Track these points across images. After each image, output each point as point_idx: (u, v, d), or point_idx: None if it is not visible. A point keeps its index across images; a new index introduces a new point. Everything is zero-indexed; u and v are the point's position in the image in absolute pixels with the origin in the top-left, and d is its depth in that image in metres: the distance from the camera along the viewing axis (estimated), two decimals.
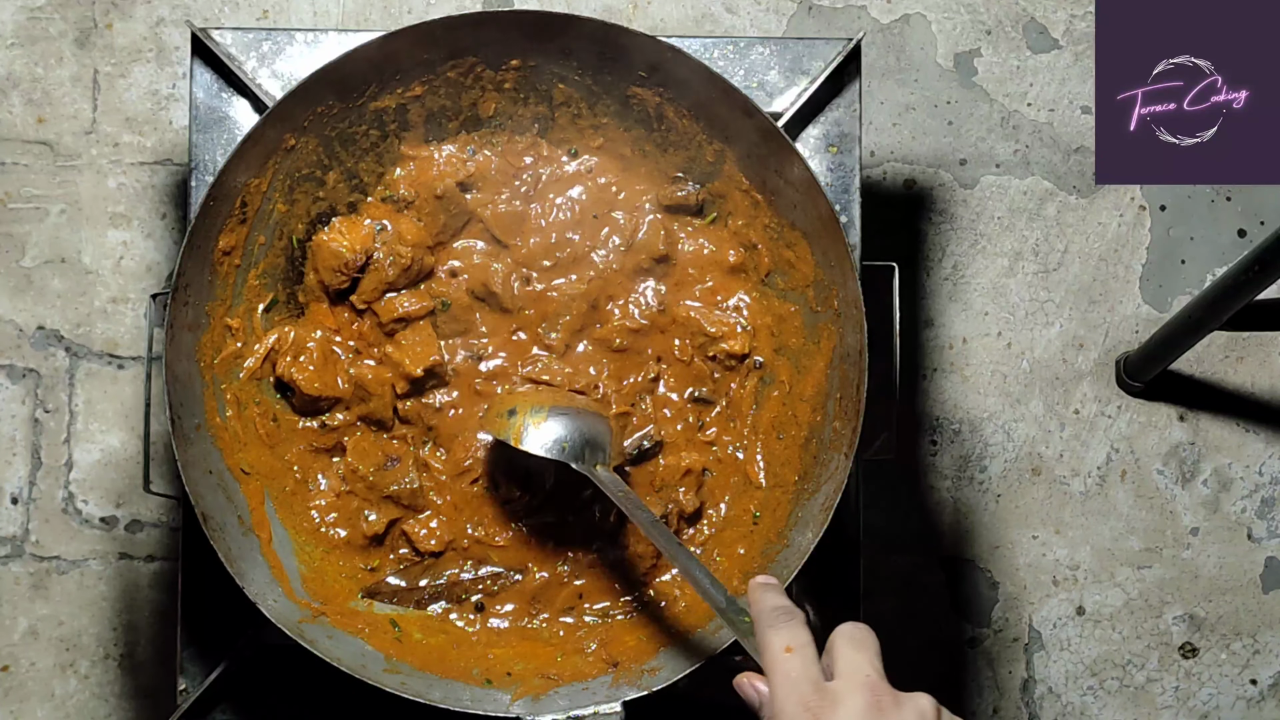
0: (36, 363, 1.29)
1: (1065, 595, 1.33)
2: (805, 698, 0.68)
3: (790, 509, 0.98)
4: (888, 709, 0.67)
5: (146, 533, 1.29)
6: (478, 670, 0.96)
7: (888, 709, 0.67)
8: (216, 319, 0.97)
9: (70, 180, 1.30)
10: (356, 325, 1.01)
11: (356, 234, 1.00)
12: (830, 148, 1.02)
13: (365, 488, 1.00)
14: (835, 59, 1.01)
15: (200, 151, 1.00)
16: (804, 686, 0.69)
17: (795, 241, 0.98)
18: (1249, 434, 1.34)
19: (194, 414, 0.94)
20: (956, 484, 1.33)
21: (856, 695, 0.68)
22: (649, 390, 1.02)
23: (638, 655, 0.96)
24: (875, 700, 0.67)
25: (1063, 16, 1.35)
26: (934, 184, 1.34)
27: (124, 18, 1.31)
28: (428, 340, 1.00)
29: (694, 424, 1.03)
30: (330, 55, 0.93)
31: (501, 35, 0.96)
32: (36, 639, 1.28)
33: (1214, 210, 1.35)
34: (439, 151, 1.02)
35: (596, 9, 1.33)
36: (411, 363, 0.99)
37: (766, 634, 0.73)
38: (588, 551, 1.01)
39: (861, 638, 0.71)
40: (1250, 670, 1.34)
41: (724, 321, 1.02)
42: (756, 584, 0.78)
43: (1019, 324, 1.34)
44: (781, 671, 0.70)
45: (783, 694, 0.69)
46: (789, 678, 0.69)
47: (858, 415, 0.91)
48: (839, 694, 0.68)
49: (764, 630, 0.73)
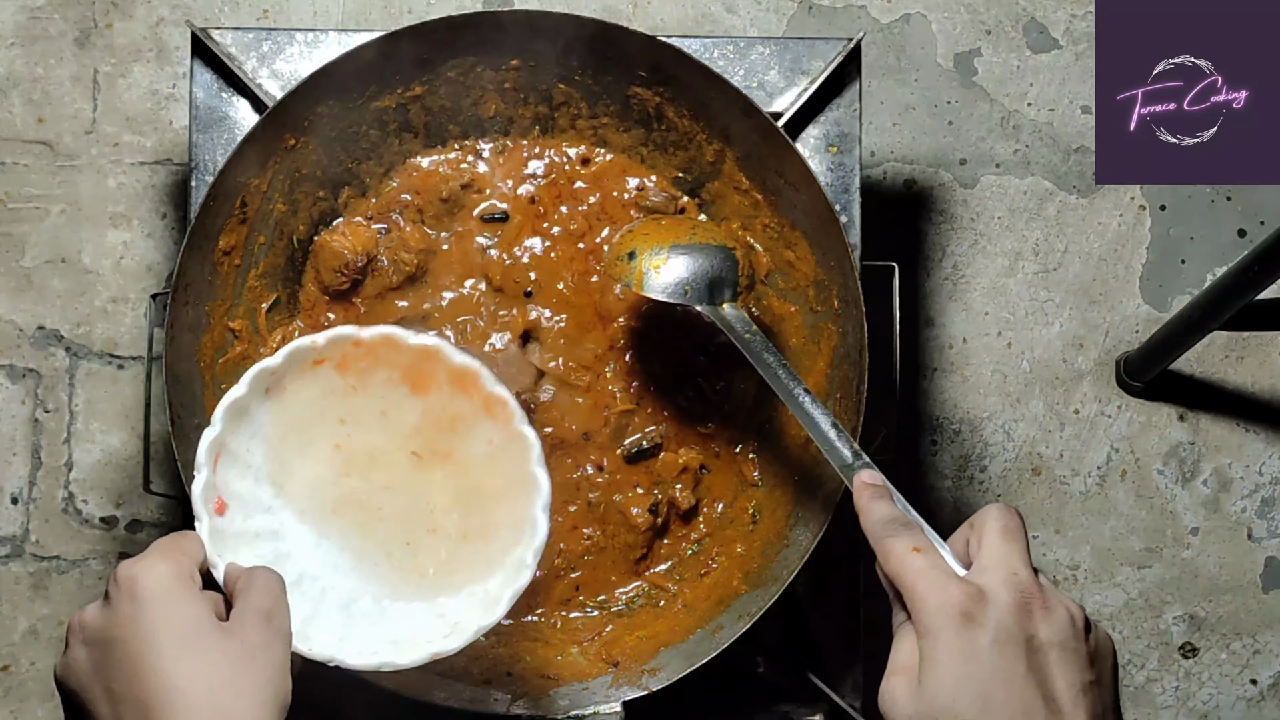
0: (36, 363, 1.29)
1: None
2: (949, 595, 0.63)
3: (790, 508, 0.98)
4: (1036, 612, 0.63)
5: (146, 533, 1.29)
6: (477, 670, 0.96)
7: (1036, 612, 0.63)
8: (217, 319, 0.97)
9: (70, 180, 1.30)
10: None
11: (359, 236, 1.00)
12: (830, 148, 1.02)
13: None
14: (835, 59, 1.01)
15: (200, 151, 1.00)
16: (946, 583, 0.63)
17: (795, 241, 0.98)
18: (1249, 434, 1.34)
19: (194, 414, 0.94)
20: (956, 484, 1.33)
21: (1003, 593, 0.63)
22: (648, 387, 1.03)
23: (638, 655, 0.96)
24: (1024, 601, 0.63)
25: (1063, 16, 1.35)
26: (934, 184, 1.34)
27: (124, 18, 1.31)
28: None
29: (692, 421, 1.03)
30: (330, 55, 0.94)
31: (501, 35, 0.96)
32: (36, 639, 1.28)
33: (1214, 210, 1.35)
34: (441, 154, 1.02)
35: (596, 9, 1.33)
36: None
37: (884, 544, 0.67)
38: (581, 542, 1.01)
39: (1014, 528, 0.66)
40: (1250, 670, 1.34)
41: None
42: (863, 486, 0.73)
43: (1019, 324, 1.34)
44: (915, 570, 0.65)
45: (924, 590, 0.63)
46: (926, 575, 0.64)
47: (858, 415, 0.91)
48: (986, 590, 0.63)
49: (881, 541, 0.67)
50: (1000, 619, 0.62)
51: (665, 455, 1.02)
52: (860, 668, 1.03)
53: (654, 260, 0.90)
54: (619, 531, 1.00)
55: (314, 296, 1.01)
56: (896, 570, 0.66)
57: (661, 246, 0.91)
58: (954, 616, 0.62)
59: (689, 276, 0.90)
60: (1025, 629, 0.63)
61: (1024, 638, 0.63)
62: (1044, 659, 0.63)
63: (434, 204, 1.01)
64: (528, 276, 1.02)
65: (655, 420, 1.02)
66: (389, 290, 1.01)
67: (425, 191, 1.02)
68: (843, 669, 1.03)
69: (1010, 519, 0.67)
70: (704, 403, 1.03)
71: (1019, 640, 0.62)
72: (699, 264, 0.90)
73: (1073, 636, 0.64)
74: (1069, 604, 0.65)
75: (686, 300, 0.89)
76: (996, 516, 0.66)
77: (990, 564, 0.65)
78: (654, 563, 1.02)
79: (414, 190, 1.02)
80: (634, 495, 1.01)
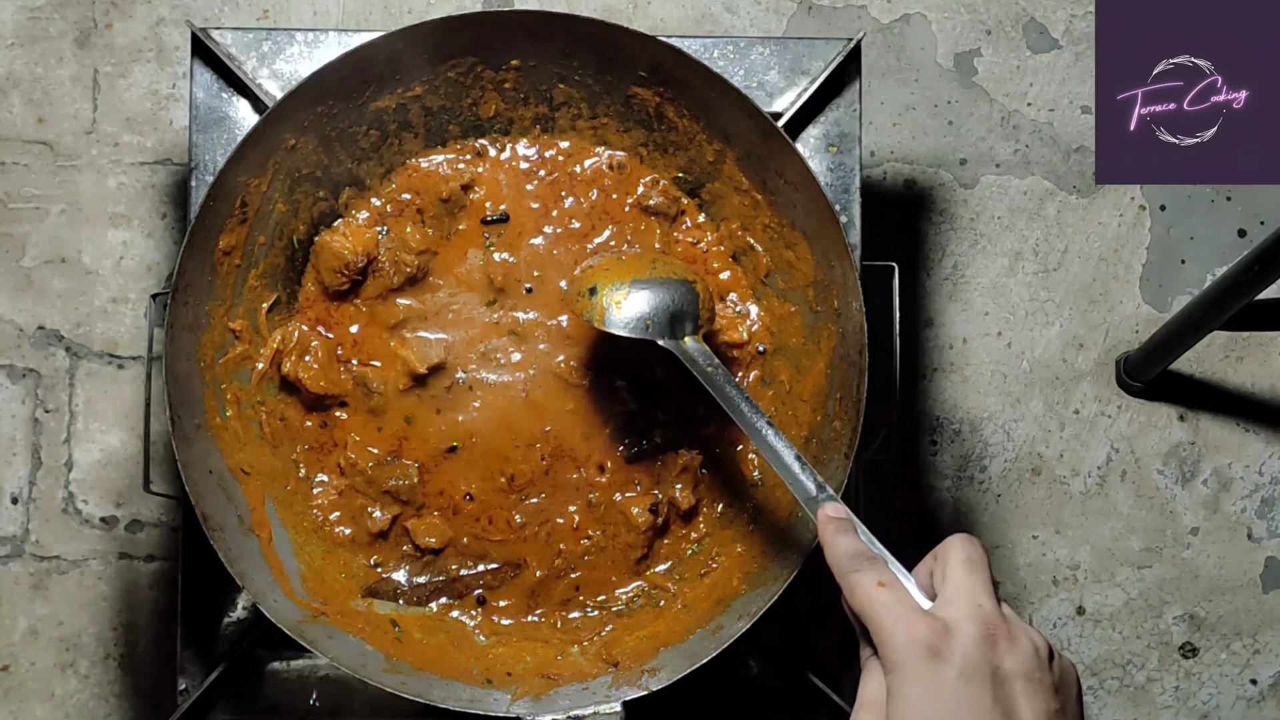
0: (36, 363, 1.29)
1: (1065, 595, 1.33)
2: (915, 629, 0.64)
3: (790, 508, 0.98)
4: (1001, 644, 0.64)
5: (146, 533, 1.29)
6: (478, 670, 0.96)
7: (1001, 644, 0.64)
8: (217, 319, 0.97)
9: (70, 180, 1.30)
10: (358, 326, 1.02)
11: (360, 236, 1.00)
12: (830, 148, 1.02)
13: (365, 482, 1.00)
14: (835, 59, 1.01)
15: (200, 151, 1.00)
16: (912, 618, 0.64)
17: (795, 241, 0.98)
18: (1249, 434, 1.34)
19: (194, 414, 0.94)
20: (956, 484, 1.33)
21: (968, 626, 0.64)
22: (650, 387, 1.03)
23: (638, 655, 0.96)
24: (988, 634, 0.64)
25: (1063, 16, 1.35)
26: (934, 184, 1.34)
27: (124, 18, 1.31)
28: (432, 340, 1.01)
29: (692, 421, 1.03)
30: (330, 55, 0.93)
31: (501, 35, 0.96)
32: (36, 639, 1.28)
33: (1214, 210, 1.35)
34: (441, 154, 1.02)
35: (596, 9, 1.33)
36: (417, 360, 0.99)
37: (850, 578, 0.68)
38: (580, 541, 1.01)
39: (977, 559, 0.67)
40: (1250, 670, 1.34)
41: (721, 315, 1.02)
42: (827, 520, 0.73)
43: (1019, 324, 1.34)
44: (881, 604, 0.66)
45: (890, 625, 0.64)
46: (892, 610, 0.65)
47: (858, 415, 0.91)
48: (951, 624, 0.64)
49: (846, 576, 0.68)
50: (966, 652, 0.63)
51: (665, 455, 1.02)
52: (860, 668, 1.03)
53: (615, 296, 0.91)
54: (619, 531, 1.00)
55: (314, 297, 1.01)
56: (863, 605, 0.67)
57: (622, 282, 0.92)
58: (920, 651, 0.63)
59: (649, 311, 0.91)
60: (990, 661, 0.63)
61: (989, 669, 0.63)
62: (1010, 690, 0.63)
63: (434, 204, 1.01)
64: (529, 276, 1.02)
65: (655, 420, 1.02)
66: (390, 291, 1.01)
67: (425, 191, 1.02)
68: (842, 670, 1.03)
69: (973, 550, 0.67)
70: (704, 403, 1.03)
71: (985, 673, 0.63)
72: (659, 299, 0.91)
73: (1037, 667, 0.64)
74: (1033, 634, 0.65)
75: (648, 334, 0.90)
76: (959, 549, 0.67)
77: (955, 596, 0.66)
78: (654, 563, 1.02)
79: (414, 190, 1.02)
80: (634, 495, 1.01)
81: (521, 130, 1.03)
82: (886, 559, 0.70)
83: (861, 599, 0.67)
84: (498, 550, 1.01)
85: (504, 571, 1.01)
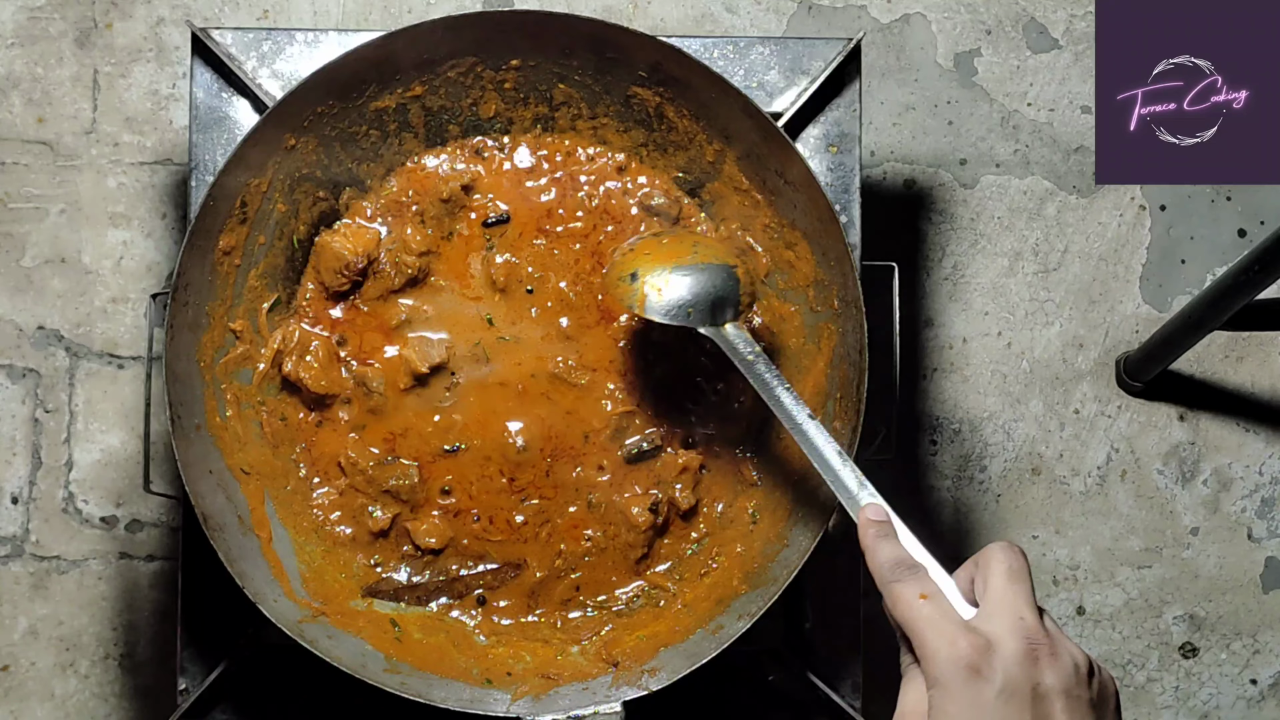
0: (36, 363, 1.29)
1: (1065, 595, 1.33)
2: (957, 647, 0.64)
3: (790, 508, 0.98)
4: (1042, 659, 0.64)
5: (146, 533, 1.29)
6: (478, 670, 0.96)
7: (1042, 659, 0.64)
8: (217, 319, 0.97)
9: (70, 180, 1.30)
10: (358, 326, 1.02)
11: (360, 237, 1.00)
12: (830, 148, 1.02)
13: (365, 481, 1.00)
14: (835, 59, 1.01)
15: (200, 151, 1.00)
16: (954, 634, 0.64)
17: (795, 241, 0.98)
18: (1249, 434, 1.34)
19: (194, 414, 0.94)
20: (956, 484, 1.33)
21: (1010, 641, 0.64)
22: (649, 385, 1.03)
23: (638, 655, 0.96)
24: (1030, 649, 0.64)
25: (1063, 16, 1.35)
26: (934, 184, 1.34)
27: (124, 18, 1.31)
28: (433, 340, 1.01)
29: (692, 421, 1.03)
30: (330, 55, 0.93)
31: (501, 35, 0.96)
32: (36, 639, 1.28)
33: (1214, 210, 1.35)
34: (442, 154, 1.02)
35: (596, 9, 1.33)
36: (418, 360, 0.99)
37: (892, 589, 0.68)
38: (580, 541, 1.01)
39: (1019, 569, 0.67)
40: (1250, 670, 1.34)
41: None
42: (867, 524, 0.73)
43: (1019, 324, 1.34)
44: (924, 618, 0.66)
45: (933, 642, 0.65)
46: (934, 625, 0.65)
47: (858, 415, 0.91)
48: (993, 639, 0.64)
49: (888, 586, 0.69)
50: (1007, 669, 0.63)
51: (665, 455, 1.02)
52: (860, 668, 1.03)
53: (656, 282, 0.90)
54: (619, 531, 1.00)
55: (314, 297, 1.01)
56: (905, 617, 0.67)
57: (664, 267, 0.90)
58: (961, 669, 0.63)
59: (691, 298, 0.89)
60: (1031, 678, 0.64)
61: (1030, 687, 0.64)
62: (1049, 707, 0.64)
63: (434, 204, 1.01)
64: (530, 276, 1.02)
65: (655, 420, 1.02)
66: (390, 292, 1.01)
67: (426, 192, 1.02)
68: (843, 669, 1.03)
69: (1015, 559, 0.67)
70: (704, 403, 1.03)
71: (1025, 691, 0.63)
72: (702, 285, 0.90)
73: (1077, 684, 0.65)
74: (1074, 650, 0.66)
75: (690, 322, 0.89)
76: (1002, 557, 0.67)
77: (996, 609, 0.66)
78: (654, 563, 1.02)
79: (414, 191, 1.02)
80: (634, 495, 1.01)
81: (522, 130, 1.03)
82: (928, 564, 0.70)
83: (904, 611, 0.67)
84: (498, 550, 1.01)
85: (504, 571, 1.01)
